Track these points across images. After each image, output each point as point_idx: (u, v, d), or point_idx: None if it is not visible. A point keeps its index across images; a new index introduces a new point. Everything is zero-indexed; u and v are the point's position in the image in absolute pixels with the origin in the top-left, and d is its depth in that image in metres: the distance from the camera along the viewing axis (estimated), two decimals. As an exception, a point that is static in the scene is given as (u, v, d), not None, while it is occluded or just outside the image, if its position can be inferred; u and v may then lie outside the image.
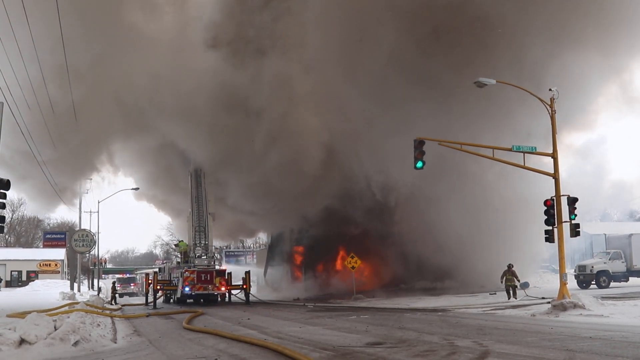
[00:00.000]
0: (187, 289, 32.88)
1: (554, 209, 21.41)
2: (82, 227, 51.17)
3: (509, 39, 31.13)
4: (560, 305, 18.66)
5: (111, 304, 35.29)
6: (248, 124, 37.30)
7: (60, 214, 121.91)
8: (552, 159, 22.01)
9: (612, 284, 34.58)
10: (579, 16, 30.74)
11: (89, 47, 32.58)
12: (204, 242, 35.39)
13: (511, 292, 26.22)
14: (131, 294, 60.99)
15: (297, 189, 37.65)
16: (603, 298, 21.73)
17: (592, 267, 35.04)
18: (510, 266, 26.77)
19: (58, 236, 67.26)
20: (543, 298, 24.88)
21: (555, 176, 21.78)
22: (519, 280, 26.53)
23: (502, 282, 26.81)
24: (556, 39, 31.16)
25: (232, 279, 34.87)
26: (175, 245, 47.70)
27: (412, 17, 31.80)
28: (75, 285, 52.64)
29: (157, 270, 43.16)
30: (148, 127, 37.36)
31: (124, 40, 34.07)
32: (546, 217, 21.59)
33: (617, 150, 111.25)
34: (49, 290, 47.94)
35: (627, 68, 35.23)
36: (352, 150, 37.07)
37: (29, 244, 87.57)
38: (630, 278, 35.66)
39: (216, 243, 37.06)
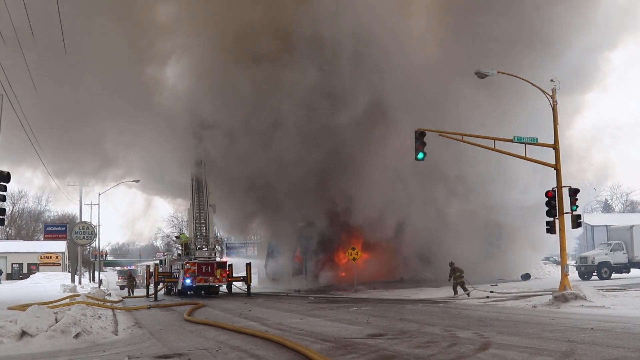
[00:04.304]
0: (188, 280, 32.89)
1: (555, 200, 21.31)
2: (83, 220, 51.16)
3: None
4: (561, 296, 18.63)
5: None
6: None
7: (61, 206, 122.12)
8: (554, 150, 21.90)
9: (614, 275, 34.58)
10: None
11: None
12: (204, 233, 35.38)
13: (458, 288, 25.57)
14: None
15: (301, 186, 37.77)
16: (604, 289, 21.74)
17: (594, 258, 35.04)
18: (452, 264, 26.29)
19: (59, 229, 66.92)
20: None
21: (556, 167, 21.65)
22: (462, 276, 25.66)
23: (449, 280, 26.21)
24: None
25: (233, 272, 34.86)
26: (176, 237, 47.70)
27: None
28: (76, 277, 52.70)
29: (157, 262, 43.20)
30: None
31: None
32: (547, 208, 21.49)
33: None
34: (50, 283, 48.03)
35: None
36: None
37: (29, 237, 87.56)
38: (631, 269, 35.67)
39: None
